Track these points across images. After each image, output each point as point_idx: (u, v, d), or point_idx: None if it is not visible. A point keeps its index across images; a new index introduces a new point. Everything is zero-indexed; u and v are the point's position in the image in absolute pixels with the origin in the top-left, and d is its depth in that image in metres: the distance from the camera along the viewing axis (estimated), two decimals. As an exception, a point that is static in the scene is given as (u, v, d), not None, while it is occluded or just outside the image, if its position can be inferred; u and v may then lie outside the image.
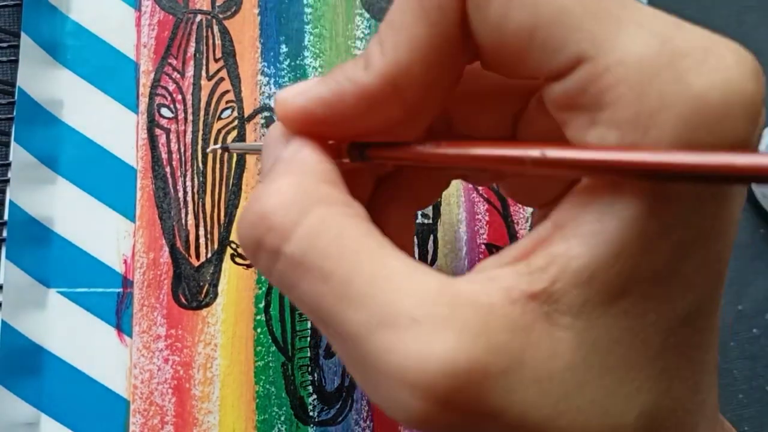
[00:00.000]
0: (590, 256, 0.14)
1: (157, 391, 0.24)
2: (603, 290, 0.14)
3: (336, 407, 0.25)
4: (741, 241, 0.31)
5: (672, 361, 0.15)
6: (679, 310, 0.15)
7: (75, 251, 0.25)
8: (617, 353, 0.14)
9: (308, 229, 0.15)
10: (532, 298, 0.14)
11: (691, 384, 0.15)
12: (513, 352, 0.14)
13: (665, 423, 0.15)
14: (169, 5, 0.27)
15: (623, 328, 0.14)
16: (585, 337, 0.14)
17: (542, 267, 0.14)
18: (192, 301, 0.25)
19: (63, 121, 0.26)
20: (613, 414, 0.14)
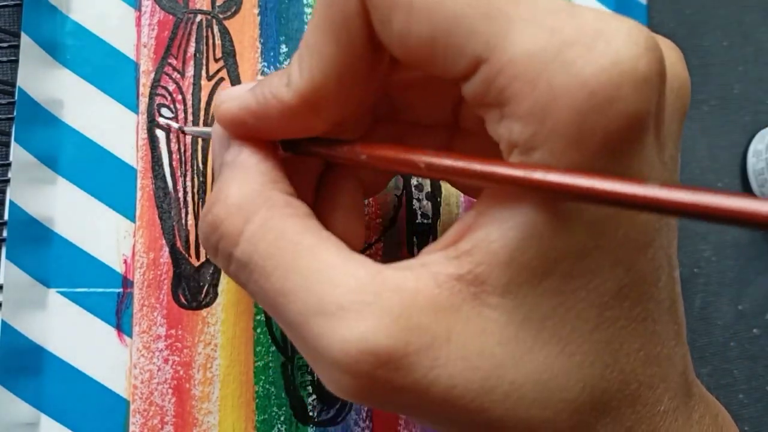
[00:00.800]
0: (506, 239, 0.15)
1: (156, 391, 0.25)
2: (525, 270, 0.15)
3: (336, 407, 0.25)
4: (741, 241, 0.31)
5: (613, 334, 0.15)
6: (611, 284, 0.15)
7: (75, 251, 0.25)
8: (550, 329, 0.15)
9: (251, 234, 0.17)
10: (459, 280, 0.15)
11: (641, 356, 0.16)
12: (437, 331, 0.15)
13: (617, 395, 0.16)
14: (169, 5, 0.27)
15: (554, 305, 0.15)
16: (514, 315, 0.15)
17: (467, 251, 0.15)
18: (192, 301, 0.25)
19: (63, 121, 0.26)
20: (553, 387, 0.15)
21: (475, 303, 0.15)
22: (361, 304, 0.15)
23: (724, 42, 0.33)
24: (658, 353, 0.16)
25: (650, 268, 0.16)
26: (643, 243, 0.16)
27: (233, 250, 0.17)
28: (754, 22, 0.33)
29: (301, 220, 0.17)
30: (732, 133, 0.32)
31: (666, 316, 0.17)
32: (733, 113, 0.32)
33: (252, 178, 0.18)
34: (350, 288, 0.15)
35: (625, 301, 0.15)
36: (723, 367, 0.30)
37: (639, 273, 0.16)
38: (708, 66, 0.32)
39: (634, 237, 0.15)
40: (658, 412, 0.16)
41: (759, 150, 0.31)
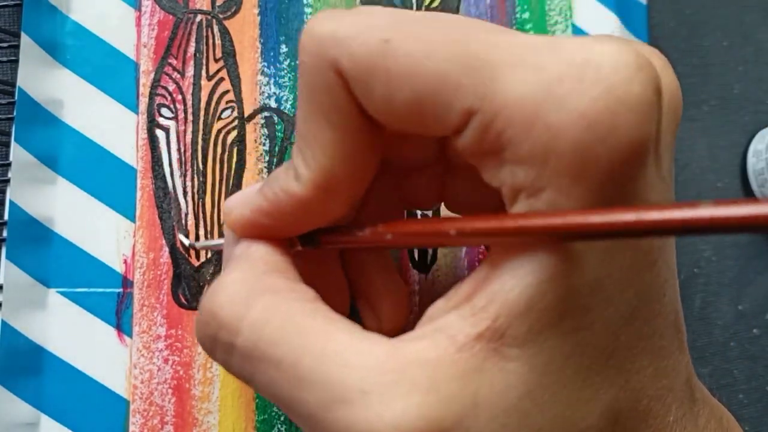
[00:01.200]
0: (523, 286, 0.14)
1: (156, 391, 0.24)
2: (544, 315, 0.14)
3: (336, 407, 0.25)
4: (741, 241, 0.31)
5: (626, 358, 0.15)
6: (622, 310, 0.15)
7: (75, 251, 0.25)
8: (571, 366, 0.15)
9: (254, 320, 0.15)
10: (479, 338, 0.14)
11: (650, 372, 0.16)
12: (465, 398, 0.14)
13: (631, 414, 0.16)
14: (169, 5, 0.27)
15: (572, 343, 0.15)
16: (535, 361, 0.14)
17: (483, 306, 0.15)
18: (192, 302, 0.25)
19: (63, 121, 0.26)
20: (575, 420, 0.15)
21: (496, 359, 0.14)
22: (385, 386, 0.14)
23: (724, 42, 0.33)
24: (665, 366, 0.16)
25: (656, 284, 0.16)
26: (649, 262, 0.15)
27: (235, 339, 0.16)
28: (754, 22, 0.33)
29: (308, 303, 0.16)
30: (732, 133, 0.32)
31: (671, 329, 0.17)
32: (733, 113, 0.32)
33: (256, 267, 0.17)
34: (370, 369, 0.14)
35: (636, 321, 0.15)
36: (723, 367, 0.30)
37: (647, 292, 0.15)
38: (708, 66, 0.32)
39: (641, 258, 0.15)
40: (668, 423, 0.16)
41: (759, 150, 0.31)
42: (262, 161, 0.27)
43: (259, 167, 0.27)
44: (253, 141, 0.27)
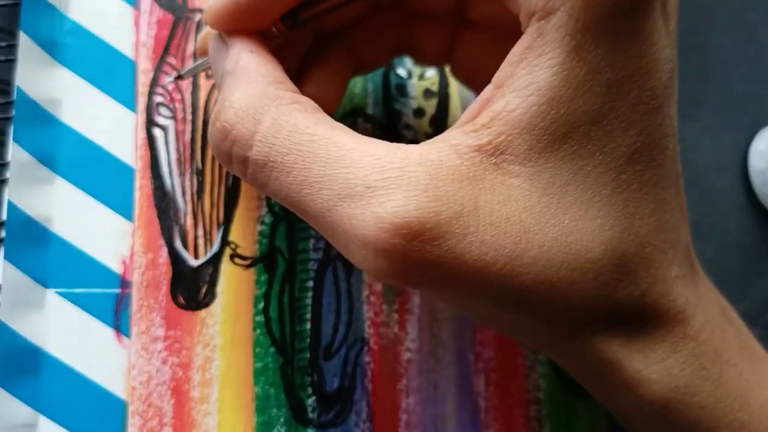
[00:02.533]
0: (526, 106, 0.15)
1: (155, 393, 0.24)
2: (544, 136, 0.15)
3: (335, 409, 0.25)
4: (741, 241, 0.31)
5: (629, 198, 0.16)
6: (625, 147, 0.16)
7: (73, 251, 0.25)
8: (572, 193, 0.16)
9: (265, 133, 0.17)
10: (479, 150, 0.15)
11: (653, 221, 0.17)
12: (464, 199, 0.15)
13: (634, 258, 0.16)
14: (168, 4, 0.27)
15: (573, 170, 0.16)
16: (536, 181, 0.15)
17: (486, 123, 0.16)
18: (190, 302, 0.25)
19: (61, 121, 0.26)
20: (579, 249, 0.15)
21: (498, 173, 0.15)
22: (387, 181, 0.15)
23: (726, 41, 0.33)
24: (668, 221, 0.17)
25: (659, 134, 0.16)
26: (653, 107, 0.16)
27: (248, 153, 0.17)
28: (756, 22, 0.33)
29: (311, 114, 0.17)
30: (734, 132, 0.32)
31: (673, 187, 0.17)
32: (734, 112, 0.32)
33: (256, 81, 0.18)
34: (373, 167, 0.15)
35: (638, 164, 0.16)
36: (724, 368, 0.30)
37: (649, 137, 0.16)
38: (710, 65, 0.32)
39: (645, 100, 0.16)
40: (670, 277, 0.17)
41: (761, 149, 0.31)
42: (262, 161, 0.26)
43: (259, 167, 0.26)
44: None
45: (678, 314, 0.17)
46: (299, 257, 0.26)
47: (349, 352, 0.25)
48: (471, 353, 0.26)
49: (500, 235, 0.15)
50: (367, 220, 0.15)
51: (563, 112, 0.15)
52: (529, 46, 0.15)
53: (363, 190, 0.15)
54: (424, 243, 0.15)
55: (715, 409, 0.17)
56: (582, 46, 0.15)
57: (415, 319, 0.26)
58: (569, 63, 0.15)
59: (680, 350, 0.17)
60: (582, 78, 0.15)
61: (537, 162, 0.15)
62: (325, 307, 0.26)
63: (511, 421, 0.25)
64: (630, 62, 0.15)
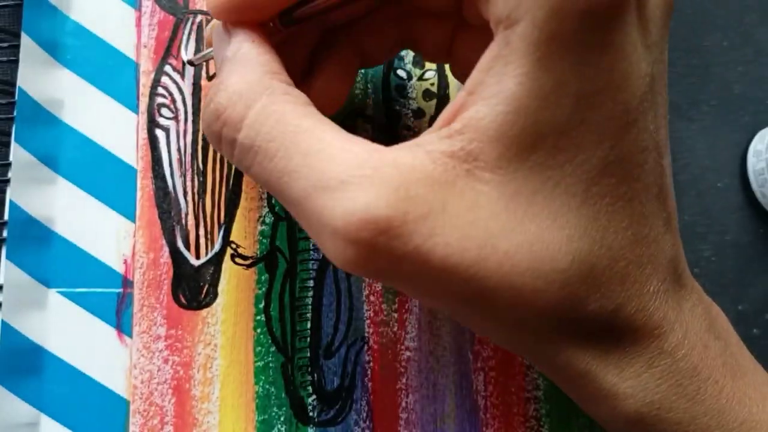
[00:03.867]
0: (494, 114, 0.15)
1: (156, 392, 0.24)
2: (513, 145, 0.15)
3: (336, 407, 0.25)
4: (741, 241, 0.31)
5: (600, 211, 0.16)
6: (596, 160, 0.16)
7: (75, 251, 0.25)
8: (540, 203, 0.16)
9: (254, 119, 0.17)
10: (451, 156, 0.16)
11: (629, 235, 0.17)
12: (433, 202, 0.15)
13: (605, 271, 0.16)
14: (169, 5, 0.27)
15: (542, 179, 0.16)
16: (505, 189, 0.16)
17: (459, 129, 0.16)
18: (192, 302, 0.25)
19: (63, 121, 0.26)
20: (544, 257, 0.16)
21: (468, 179, 0.16)
22: (361, 178, 0.15)
23: (724, 42, 0.33)
24: (646, 235, 0.17)
25: (635, 148, 0.16)
26: (626, 122, 0.16)
27: (236, 135, 0.18)
28: (754, 23, 0.33)
29: (300, 106, 0.18)
30: (732, 133, 0.32)
31: (654, 202, 0.17)
32: (733, 113, 0.32)
33: (252, 69, 0.18)
34: (350, 164, 0.16)
35: (611, 178, 0.16)
36: (723, 368, 0.30)
37: (624, 151, 0.16)
38: (708, 66, 0.32)
39: (618, 114, 0.16)
40: (647, 292, 0.17)
41: (759, 150, 0.31)
42: (262, 161, 0.27)
43: (259, 167, 0.27)
44: None
45: (654, 330, 0.17)
46: (300, 257, 0.26)
47: (350, 351, 0.26)
48: (470, 352, 0.26)
49: (465, 239, 0.15)
50: (338, 212, 0.15)
51: (530, 122, 0.15)
52: (497, 54, 0.16)
53: (337, 184, 0.16)
54: (391, 239, 0.15)
55: (691, 425, 0.17)
56: (547, 57, 0.15)
57: (415, 318, 0.26)
58: (534, 73, 0.15)
59: (656, 366, 0.17)
60: (549, 89, 0.15)
61: (506, 170, 0.16)
62: (326, 307, 0.26)
63: (510, 420, 0.25)
64: (600, 75, 0.15)
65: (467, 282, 0.15)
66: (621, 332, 0.17)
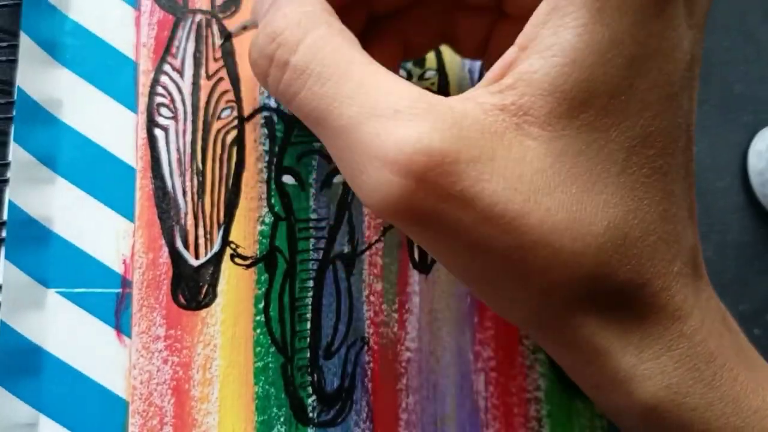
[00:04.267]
0: (549, 66, 0.15)
1: (156, 392, 0.24)
2: (565, 100, 0.15)
3: (336, 408, 0.25)
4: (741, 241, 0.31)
5: (637, 181, 0.16)
6: (639, 128, 0.16)
7: (74, 251, 0.25)
8: (583, 164, 0.16)
9: (311, 43, 0.17)
10: (503, 109, 0.16)
11: (660, 210, 0.17)
12: (484, 148, 0.15)
13: (637, 243, 0.16)
14: (168, 5, 0.27)
15: (587, 141, 0.16)
16: (552, 146, 0.16)
17: (510, 84, 0.16)
18: (191, 302, 0.25)
19: (62, 121, 0.26)
20: (582, 220, 0.16)
21: (518, 132, 0.16)
22: (416, 110, 0.15)
23: (725, 42, 0.33)
24: (675, 214, 0.17)
25: (674, 123, 0.17)
26: (669, 93, 0.16)
27: (291, 57, 0.18)
28: (755, 22, 0.33)
29: (356, 45, 0.18)
30: (733, 132, 0.32)
31: (682, 183, 0.17)
32: (733, 113, 0.32)
33: (310, 3, 0.19)
34: (406, 97, 0.16)
35: (651, 149, 0.16)
36: (724, 368, 0.30)
37: (664, 123, 0.16)
38: (709, 66, 0.32)
39: (662, 83, 0.16)
40: (672, 272, 0.17)
41: (760, 150, 0.31)
42: (262, 161, 0.27)
43: (259, 167, 0.27)
44: (253, 141, 0.27)
45: (676, 311, 0.17)
46: (299, 257, 0.26)
47: (349, 352, 0.26)
48: (471, 352, 0.26)
49: (511, 191, 0.15)
50: (390, 139, 0.15)
51: (585, 77, 0.15)
52: (554, 6, 0.16)
53: (392, 113, 0.16)
54: (441, 176, 0.15)
55: (707, 411, 0.17)
56: (606, 11, 0.15)
57: (415, 318, 0.26)
58: (592, 26, 0.15)
59: (675, 349, 0.17)
60: (605, 45, 0.15)
61: (555, 127, 0.16)
62: (325, 307, 0.26)
63: (510, 421, 0.25)
64: (651, 40, 0.16)
65: (509, 233, 0.15)
66: (644, 310, 0.17)
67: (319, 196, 0.27)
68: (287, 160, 0.27)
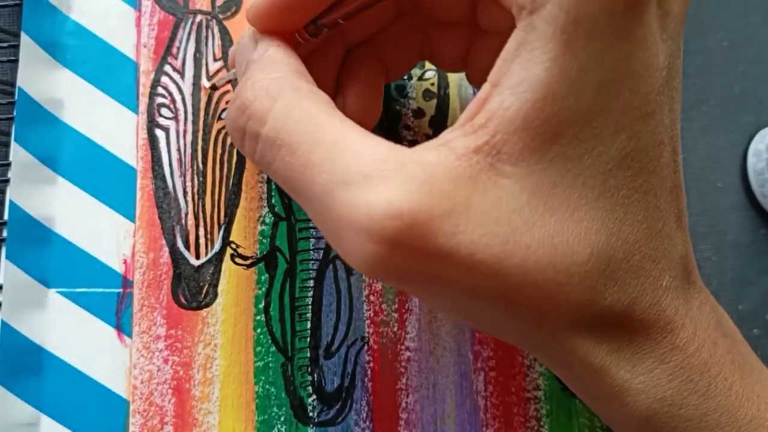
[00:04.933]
0: (520, 102, 0.15)
1: (156, 392, 0.24)
2: (537, 135, 0.15)
3: (336, 408, 0.25)
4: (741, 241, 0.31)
5: (617, 203, 0.16)
6: (614, 151, 0.16)
7: (75, 251, 0.25)
8: (560, 195, 0.16)
9: (279, 113, 0.17)
10: (476, 151, 0.16)
11: (644, 228, 0.17)
12: (457, 198, 0.15)
13: (622, 265, 0.16)
14: (169, 5, 0.27)
15: (561, 171, 0.16)
16: (526, 182, 0.16)
17: (483, 123, 0.16)
18: (192, 302, 0.25)
19: (63, 121, 0.26)
20: (564, 251, 0.16)
21: (491, 173, 0.16)
22: (385, 172, 0.15)
23: (725, 42, 0.33)
24: (660, 229, 0.17)
25: (652, 141, 0.16)
26: (644, 113, 0.16)
27: (261, 129, 0.18)
28: (755, 23, 0.33)
29: (325, 105, 0.18)
30: (732, 133, 0.32)
31: (668, 196, 0.17)
32: (733, 113, 0.32)
33: (279, 68, 0.19)
34: (374, 159, 0.16)
35: (628, 170, 0.16)
36: (723, 368, 0.30)
37: (641, 143, 0.16)
38: (709, 66, 0.32)
39: (636, 104, 0.16)
40: (661, 287, 0.17)
41: (759, 150, 0.31)
42: (262, 161, 0.27)
43: (259, 168, 0.27)
44: None
45: (667, 325, 0.17)
46: (300, 257, 0.26)
47: (349, 351, 0.26)
48: (470, 352, 0.26)
49: (489, 236, 0.15)
50: (361, 207, 0.15)
51: (556, 110, 0.15)
52: (522, 41, 0.15)
53: (360, 178, 0.15)
54: (415, 236, 0.15)
55: (701, 422, 0.17)
56: (573, 41, 0.15)
57: (415, 318, 0.26)
58: (561, 59, 0.15)
59: (668, 362, 0.17)
60: (574, 75, 0.15)
61: (528, 162, 0.16)
62: (326, 307, 0.26)
63: (510, 420, 0.25)
64: (621, 63, 0.15)
65: (491, 279, 0.15)
66: (635, 327, 0.17)
67: (319, 196, 0.27)
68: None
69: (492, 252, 0.15)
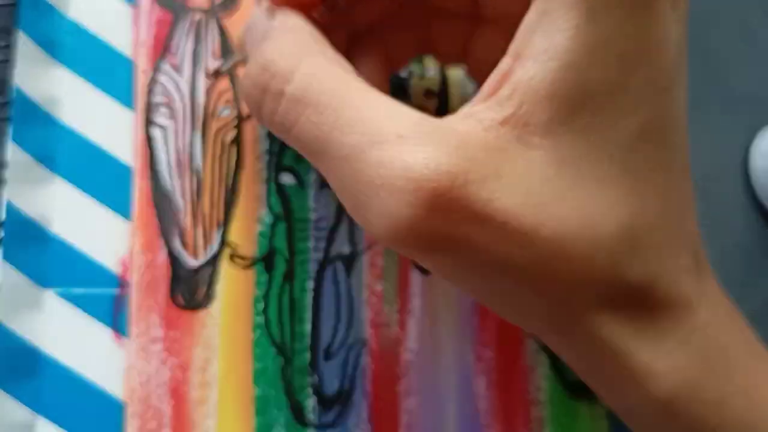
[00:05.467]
0: (545, 71, 0.15)
1: (154, 394, 0.24)
2: (563, 105, 0.15)
3: (335, 410, 0.25)
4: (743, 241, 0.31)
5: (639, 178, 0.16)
6: (635, 125, 0.16)
7: (72, 251, 0.25)
8: (586, 167, 0.16)
9: (307, 71, 0.17)
10: (503, 123, 0.16)
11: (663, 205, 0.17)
12: (490, 166, 0.15)
13: (644, 240, 0.16)
14: (166, 3, 0.27)
15: (587, 144, 0.16)
16: (554, 154, 0.15)
17: (508, 95, 0.16)
18: (190, 303, 0.25)
19: (60, 120, 0.26)
20: (593, 224, 0.16)
21: (519, 144, 0.15)
22: (420, 134, 0.15)
23: (727, 42, 0.33)
24: (677, 207, 0.17)
25: (669, 116, 0.16)
26: (663, 87, 0.16)
27: (285, 86, 0.17)
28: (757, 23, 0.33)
29: (351, 72, 0.17)
30: (733, 132, 0.32)
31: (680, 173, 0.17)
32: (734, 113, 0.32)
33: (303, 35, 0.18)
34: (408, 121, 0.15)
35: (649, 144, 0.16)
36: (725, 369, 0.30)
37: (659, 117, 0.16)
38: (711, 66, 0.32)
39: (654, 78, 0.16)
40: (680, 265, 0.17)
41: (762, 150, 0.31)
42: (261, 161, 0.26)
43: (258, 167, 0.26)
44: (252, 141, 0.26)
45: (687, 305, 0.17)
46: (299, 258, 0.26)
47: (349, 354, 0.25)
48: (472, 354, 0.26)
49: (522, 206, 0.15)
50: (397, 168, 0.15)
51: (581, 79, 0.15)
52: (543, 10, 0.15)
53: (395, 138, 0.15)
54: (452, 200, 0.15)
55: (721, 405, 0.17)
56: (596, 9, 0.15)
57: (416, 320, 0.26)
58: (585, 27, 0.15)
59: (689, 343, 0.17)
60: (598, 44, 0.15)
61: (556, 133, 0.15)
62: (325, 308, 0.26)
63: (511, 423, 0.25)
64: (641, 35, 0.15)
65: (525, 249, 0.15)
66: (656, 307, 0.17)
67: (318, 195, 0.26)
68: (286, 159, 0.27)
69: (526, 222, 0.15)
